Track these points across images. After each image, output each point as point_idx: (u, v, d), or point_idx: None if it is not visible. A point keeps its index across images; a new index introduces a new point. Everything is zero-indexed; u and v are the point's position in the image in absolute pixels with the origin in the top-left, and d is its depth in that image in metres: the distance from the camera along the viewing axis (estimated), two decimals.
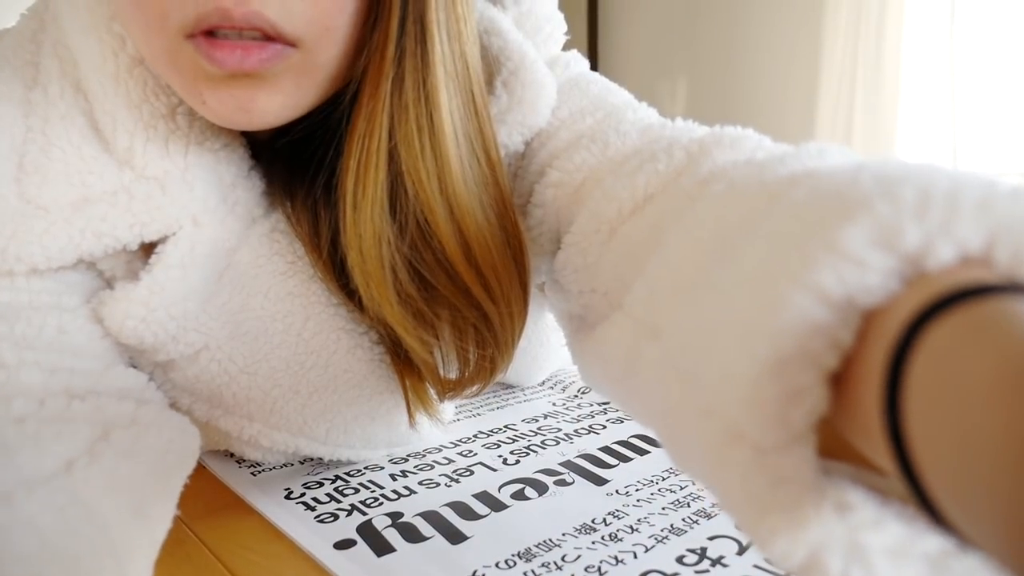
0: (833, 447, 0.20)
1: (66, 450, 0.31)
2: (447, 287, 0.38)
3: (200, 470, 0.47)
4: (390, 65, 0.34)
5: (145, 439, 0.34)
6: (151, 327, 0.38)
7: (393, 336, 0.41)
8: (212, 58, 0.32)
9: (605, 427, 0.53)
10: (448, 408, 0.48)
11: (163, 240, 0.38)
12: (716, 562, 0.33)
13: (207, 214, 0.38)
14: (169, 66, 0.34)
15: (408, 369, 0.43)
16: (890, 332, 0.16)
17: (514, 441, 0.50)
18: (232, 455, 0.48)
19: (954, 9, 1.68)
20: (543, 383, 0.65)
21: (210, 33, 0.31)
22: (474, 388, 0.43)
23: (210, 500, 0.42)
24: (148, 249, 0.39)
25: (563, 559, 0.34)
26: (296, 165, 0.42)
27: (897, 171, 0.20)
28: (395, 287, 0.37)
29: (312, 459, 0.48)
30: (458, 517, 0.38)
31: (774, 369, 0.18)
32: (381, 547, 0.35)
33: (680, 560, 0.33)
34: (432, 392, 0.44)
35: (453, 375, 0.43)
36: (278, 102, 0.35)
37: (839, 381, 0.18)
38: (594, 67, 2.61)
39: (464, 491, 0.42)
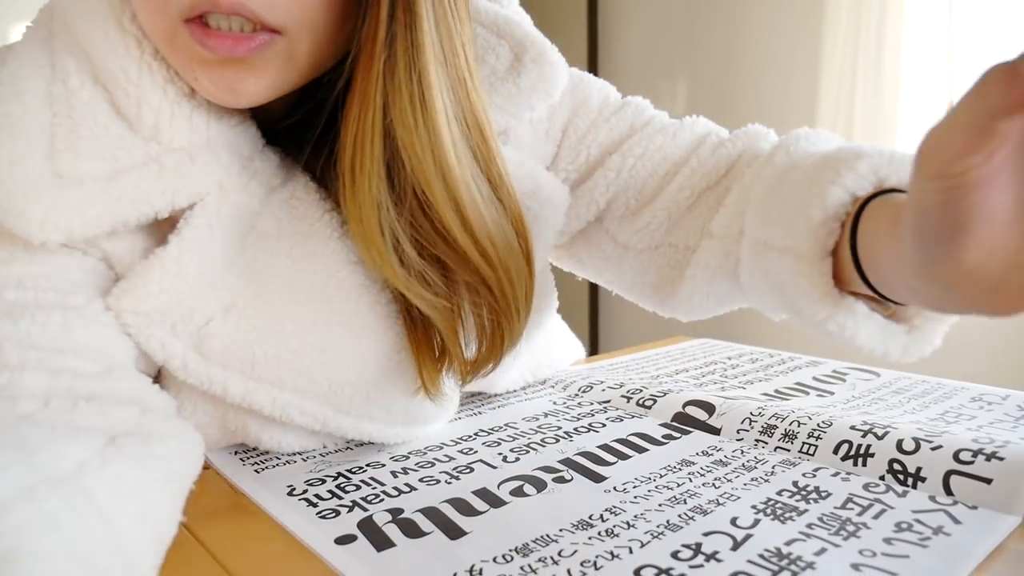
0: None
1: (79, 451, 0.31)
2: (446, 253, 0.42)
3: (199, 473, 0.47)
4: (381, 48, 0.38)
5: (151, 446, 0.35)
6: (186, 282, 0.40)
7: (405, 298, 0.44)
8: (205, 45, 0.36)
9: (605, 425, 0.54)
10: (450, 385, 0.49)
11: (189, 208, 0.41)
12: (710, 557, 0.34)
13: (231, 180, 0.42)
14: (169, 46, 0.38)
15: (416, 331, 0.45)
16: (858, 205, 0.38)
17: (514, 439, 0.51)
18: (236, 452, 0.49)
19: (952, 8, 1.68)
20: (544, 382, 0.66)
21: (204, 21, 0.36)
22: (488, 357, 0.46)
23: (209, 502, 0.42)
24: (163, 235, 0.42)
25: (559, 554, 0.34)
26: (307, 143, 0.46)
27: (866, 146, 0.41)
28: (396, 252, 0.41)
29: (317, 455, 0.48)
30: (457, 513, 0.39)
31: (824, 219, 0.39)
32: (381, 542, 0.36)
33: (675, 555, 0.34)
34: (441, 360, 0.46)
35: (472, 350, 0.46)
36: (264, 84, 0.39)
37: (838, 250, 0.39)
38: (594, 67, 2.62)
39: (464, 488, 0.42)
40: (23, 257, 0.40)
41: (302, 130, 0.46)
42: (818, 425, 0.48)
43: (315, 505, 0.41)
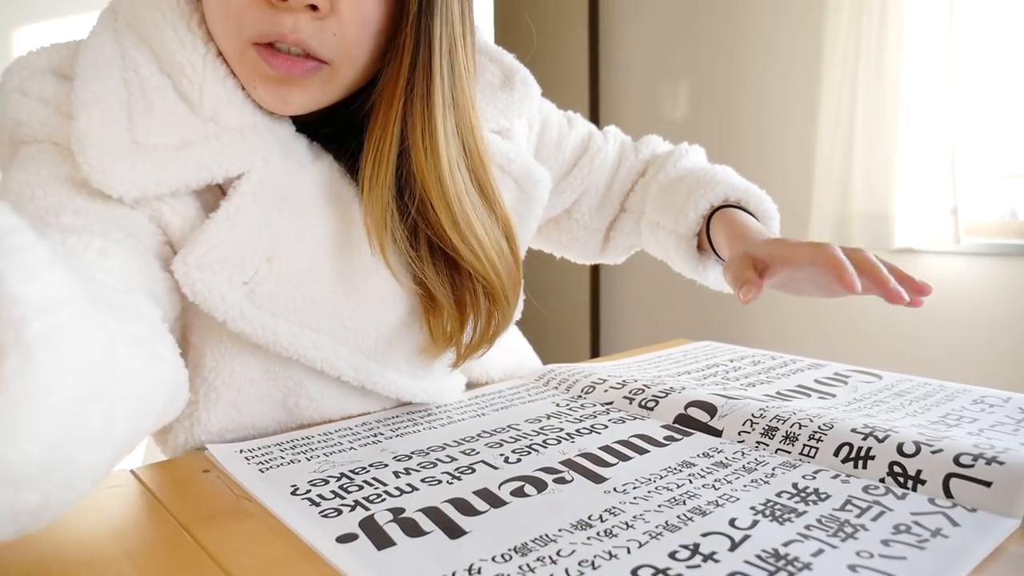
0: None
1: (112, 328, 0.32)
2: (442, 245, 0.53)
3: (196, 476, 0.48)
4: (402, 92, 0.50)
5: (155, 358, 0.38)
6: (237, 236, 0.48)
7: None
8: (270, 64, 0.47)
9: (607, 427, 0.54)
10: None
11: (238, 177, 0.50)
12: (708, 558, 0.34)
13: (273, 156, 0.51)
14: (237, 60, 0.49)
15: (430, 302, 0.55)
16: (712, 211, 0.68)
17: (516, 440, 0.51)
18: (242, 451, 0.50)
19: (952, 8, 1.68)
20: (547, 383, 0.66)
21: (270, 45, 0.47)
22: (482, 340, 0.57)
23: (208, 505, 0.42)
24: (206, 202, 0.51)
25: (558, 554, 0.35)
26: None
27: (720, 170, 0.71)
28: (392, 246, 0.52)
29: (320, 454, 0.49)
30: (458, 513, 0.39)
31: (696, 218, 0.68)
32: (382, 541, 0.36)
33: (672, 556, 0.34)
34: (448, 337, 0.56)
35: (468, 334, 0.57)
36: (307, 99, 0.50)
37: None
38: (595, 70, 2.63)
39: (465, 488, 0.43)
40: (84, 195, 0.47)
41: (327, 126, 0.57)
42: (819, 427, 0.48)
43: (318, 504, 0.41)
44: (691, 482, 0.43)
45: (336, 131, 0.56)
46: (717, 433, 0.52)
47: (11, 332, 0.24)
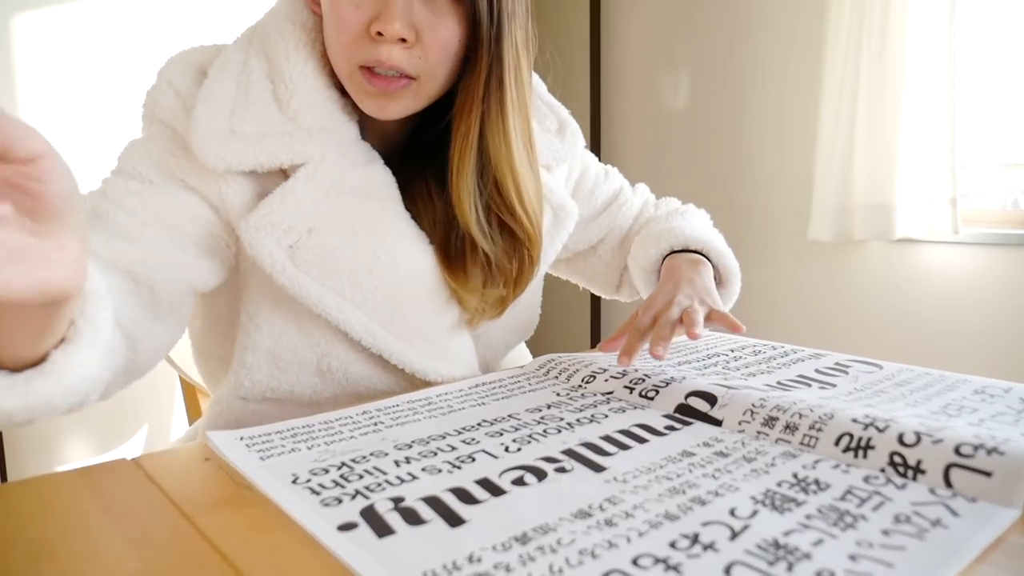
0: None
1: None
2: (508, 218, 0.69)
3: (198, 465, 0.48)
4: (479, 102, 0.65)
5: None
6: (287, 210, 0.62)
7: (445, 247, 0.69)
8: (372, 84, 0.62)
9: (607, 416, 0.54)
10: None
11: (298, 166, 0.63)
12: (708, 547, 0.34)
13: (331, 154, 0.64)
14: (347, 79, 0.64)
15: (451, 270, 0.69)
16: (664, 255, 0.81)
17: (517, 429, 0.51)
18: (243, 438, 0.50)
19: (954, 1, 1.67)
20: (547, 372, 0.66)
21: (371, 69, 0.62)
22: (514, 292, 0.72)
23: (209, 494, 0.43)
24: (265, 186, 0.65)
25: (558, 543, 0.35)
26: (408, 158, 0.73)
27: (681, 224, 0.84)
28: (475, 216, 0.67)
29: (323, 444, 0.49)
30: (458, 501, 0.39)
31: (658, 255, 0.81)
32: (382, 529, 0.36)
33: (672, 545, 0.34)
34: (485, 283, 0.71)
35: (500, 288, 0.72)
36: (400, 108, 0.65)
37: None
38: (596, 60, 2.61)
39: (465, 477, 0.43)
40: (169, 181, 0.63)
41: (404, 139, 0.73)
42: (820, 417, 0.48)
43: (318, 493, 0.41)
44: (691, 472, 0.43)
45: (406, 152, 0.73)
46: (717, 423, 0.52)
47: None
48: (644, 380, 0.60)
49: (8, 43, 1.55)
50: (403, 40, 0.60)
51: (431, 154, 0.71)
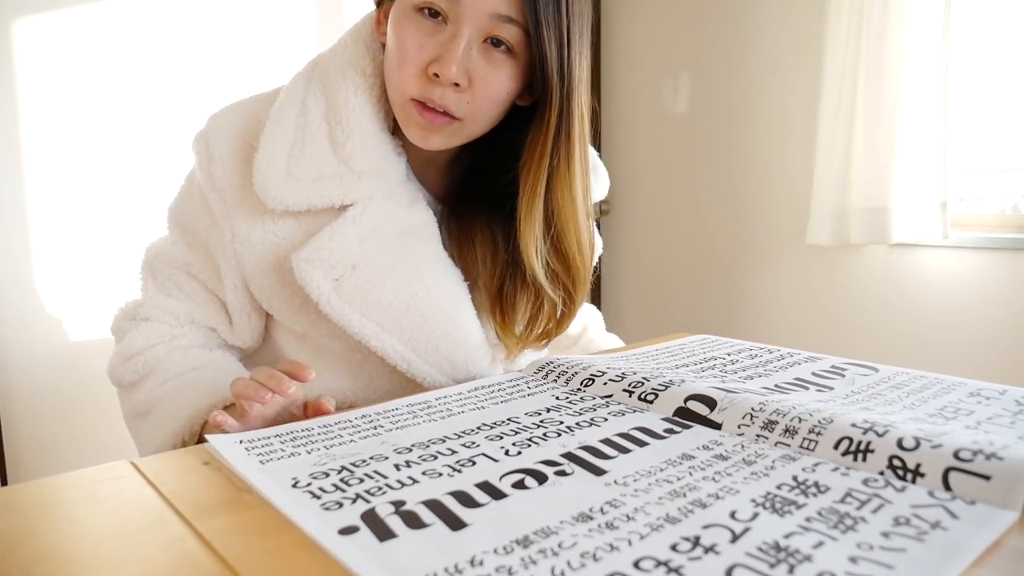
0: None
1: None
2: (558, 266, 0.74)
3: (197, 469, 0.48)
4: (548, 153, 0.69)
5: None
6: (336, 246, 0.68)
7: (492, 287, 0.76)
8: (423, 116, 0.67)
9: (607, 419, 0.54)
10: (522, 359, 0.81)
11: (349, 205, 0.69)
12: (709, 550, 0.34)
13: (379, 194, 0.70)
14: (400, 109, 0.69)
15: (501, 309, 0.76)
16: None
17: (517, 433, 0.51)
18: (242, 441, 0.50)
19: (951, 5, 1.68)
20: (546, 376, 0.66)
21: (422, 103, 0.66)
22: (555, 331, 0.78)
23: (209, 498, 0.43)
24: (319, 222, 0.70)
25: (559, 546, 0.35)
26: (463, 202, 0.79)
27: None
28: (541, 263, 0.72)
29: (321, 447, 0.49)
30: (459, 505, 0.39)
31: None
32: (383, 533, 0.36)
33: (674, 548, 0.34)
34: (529, 327, 0.77)
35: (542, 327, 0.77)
36: (441, 140, 0.69)
37: None
38: (597, 63, 2.61)
39: (466, 480, 0.43)
40: (197, 258, 0.76)
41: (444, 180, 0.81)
42: (819, 421, 0.49)
43: (319, 497, 0.41)
44: (691, 475, 0.43)
45: (448, 194, 0.80)
46: (717, 426, 0.52)
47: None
48: (643, 383, 0.60)
49: (9, 47, 1.55)
50: (456, 84, 0.65)
51: (483, 199, 0.77)
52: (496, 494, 0.41)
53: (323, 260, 0.67)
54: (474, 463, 0.46)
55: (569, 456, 0.47)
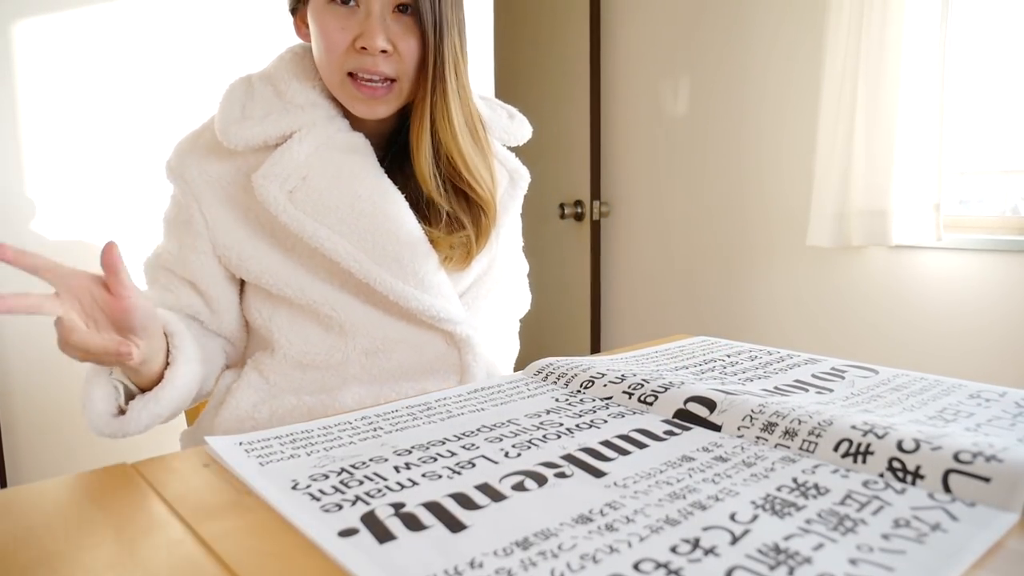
0: None
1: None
2: (462, 184, 0.83)
3: (197, 471, 0.48)
4: (428, 94, 0.80)
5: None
6: (287, 162, 0.77)
7: (417, 208, 0.83)
8: (360, 90, 0.78)
9: (606, 421, 0.54)
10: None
11: (298, 130, 0.79)
12: (709, 552, 0.34)
13: (320, 121, 0.80)
14: (338, 88, 0.80)
15: (425, 221, 0.83)
16: None
17: (516, 435, 0.51)
18: (241, 443, 0.50)
19: (950, 7, 1.68)
20: (546, 378, 0.66)
21: (357, 77, 0.78)
22: (470, 252, 0.85)
23: (208, 500, 0.43)
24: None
25: (559, 547, 0.35)
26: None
27: None
28: (434, 184, 0.82)
29: (320, 449, 0.49)
30: (459, 507, 0.39)
31: None
32: (383, 535, 0.36)
33: (674, 550, 0.34)
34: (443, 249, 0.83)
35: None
36: (386, 108, 0.80)
37: None
38: (596, 66, 2.60)
39: (465, 482, 0.43)
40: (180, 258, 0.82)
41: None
42: (819, 423, 0.49)
43: (318, 499, 0.41)
44: (691, 476, 0.43)
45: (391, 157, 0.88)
46: (717, 428, 0.52)
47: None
48: (643, 385, 0.60)
49: (8, 49, 1.55)
50: (384, 52, 0.76)
51: (402, 145, 0.87)
52: (496, 496, 0.41)
53: (277, 175, 0.76)
54: (474, 465, 0.46)
55: (569, 458, 0.47)
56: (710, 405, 0.54)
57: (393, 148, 0.88)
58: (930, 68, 1.71)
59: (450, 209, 0.83)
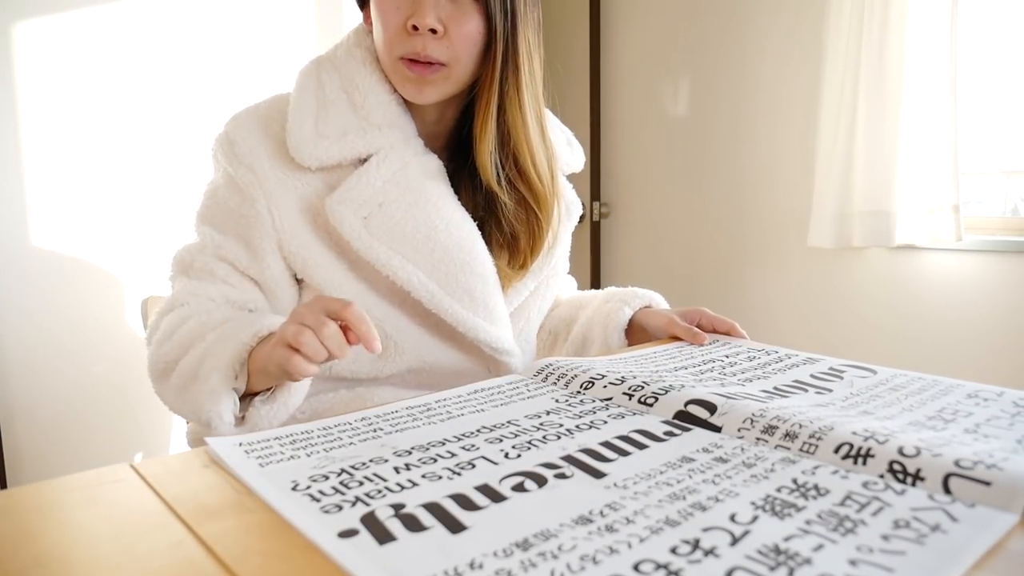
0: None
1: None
2: (522, 184, 0.83)
3: (197, 472, 0.48)
4: (497, 81, 0.78)
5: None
6: (363, 188, 0.77)
7: (488, 221, 0.85)
8: (412, 70, 0.76)
9: (606, 422, 0.54)
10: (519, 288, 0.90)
11: (372, 155, 0.79)
12: (709, 552, 0.34)
13: (397, 143, 0.80)
14: (391, 70, 0.79)
15: (497, 243, 0.85)
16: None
17: (516, 436, 0.51)
18: (241, 444, 0.50)
19: (955, 7, 1.67)
20: (546, 379, 0.66)
21: (410, 59, 0.76)
22: (528, 255, 0.87)
23: (208, 501, 0.42)
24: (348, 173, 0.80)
25: (559, 548, 0.35)
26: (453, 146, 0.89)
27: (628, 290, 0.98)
28: (495, 175, 0.81)
29: (320, 450, 0.49)
30: (458, 508, 0.39)
31: (623, 322, 0.93)
32: (383, 536, 0.36)
33: (674, 551, 0.34)
34: (511, 259, 0.87)
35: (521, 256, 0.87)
36: (436, 91, 0.78)
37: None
38: (596, 67, 2.60)
39: (465, 483, 0.43)
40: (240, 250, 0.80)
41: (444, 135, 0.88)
42: (820, 428, 0.49)
43: (318, 500, 0.41)
44: (691, 477, 0.43)
45: (451, 152, 0.88)
46: (717, 430, 0.52)
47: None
48: (643, 387, 0.60)
49: (8, 50, 1.55)
50: (433, 32, 0.74)
51: (469, 152, 0.85)
52: (496, 497, 0.41)
53: (352, 200, 0.76)
54: (474, 466, 0.46)
55: (569, 459, 0.47)
56: (710, 408, 0.54)
57: (452, 148, 0.87)
58: (937, 68, 1.70)
59: (509, 204, 0.83)
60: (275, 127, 0.79)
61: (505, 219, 0.84)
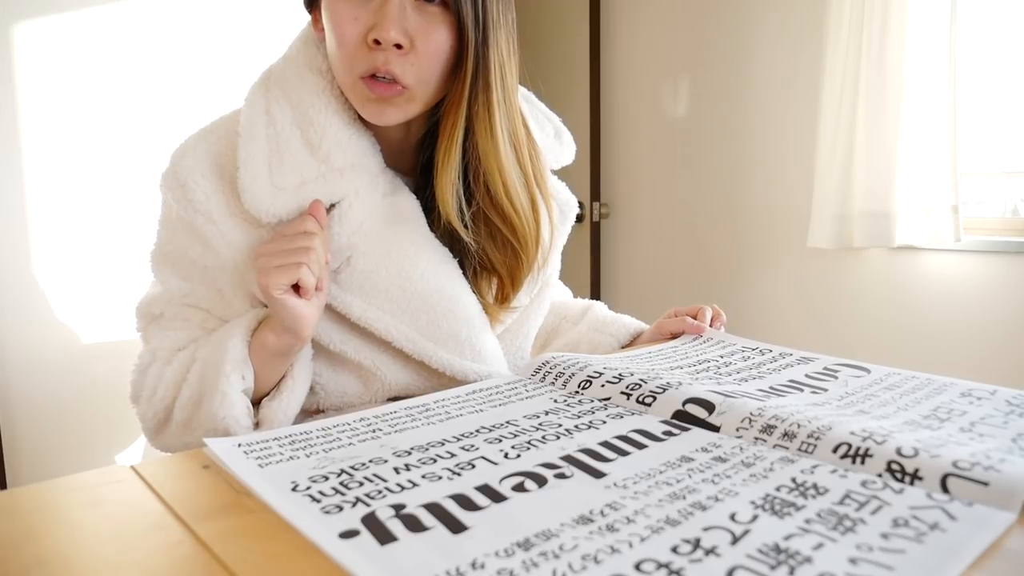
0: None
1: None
2: (496, 217, 0.74)
3: (196, 472, 0.48)
4: (465, 102, 0.70)
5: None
6: (333, 242, 0.70)
7: (465, 258, 0.76)
8: (372, 91, 0.67)
9: (605, 422, 0.54)
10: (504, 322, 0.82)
11: (337, 203, 0.71)
12: (709, 552, 0.34)
13: (363, 188, 0.72)
14: (350, 90, 0.69)
15: (477, 280, 0.78)
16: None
17: (515, 436, 0.51)
18: (240, 444, 0.50)
19: (955, 8, 1.68)
20: (544, 378, 0.66)
21: (371, 76, 0.66)
22: (510, 290, 0.79)
23: (208, 502, 0.43)
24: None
25: (560, 548, 0.35)
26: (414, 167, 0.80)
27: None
28: (456, 208, 0.73)
29: (321, 451, 0.49)
30: (459, 508, 0.39)
31: (628, 334, 0.97)
32: (384, 536, 0.36)
33: (674, 550, 0.34)
34: (497, 296, 0.79)
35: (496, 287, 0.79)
36: (397, 113, 0.69)
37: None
38: (596, 67, 2.60)
39: (466, 483, 0.43)
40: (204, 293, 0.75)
41: (414, 158, 0.80)
42: (818, 428, 0.49)
43: (319, 501, 0.41)
44: (690, 477, 0.43)
45: (420, 169, 0.79)
46: (715, 429, 0.52)
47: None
48: (641, 386, 0.60)
49: (9, 51, 1.54)
50: (398, 47, 0.65)
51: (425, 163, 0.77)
52: (496, 497, 0.41)
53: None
54: (473, 466, 0.46)
55: (568, 459, 0.47)
56: (708, 407, 0.54)
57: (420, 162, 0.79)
58: (937, 69, 1.70)
59: (473, 241, 0.74)
60: (230, 169, 0.70)
61: (483, 254, 0.76)
